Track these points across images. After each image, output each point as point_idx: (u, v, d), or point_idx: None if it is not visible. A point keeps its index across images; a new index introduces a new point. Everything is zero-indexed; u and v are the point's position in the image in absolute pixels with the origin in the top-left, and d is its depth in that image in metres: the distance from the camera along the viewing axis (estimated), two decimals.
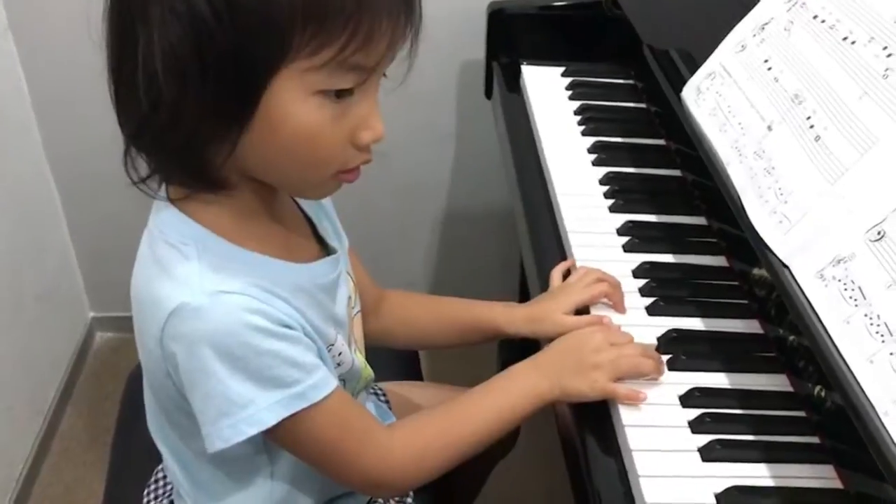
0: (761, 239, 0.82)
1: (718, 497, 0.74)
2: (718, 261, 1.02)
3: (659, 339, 0.90)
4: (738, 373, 0.86)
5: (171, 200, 0.72)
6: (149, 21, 0.62)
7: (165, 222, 0.72)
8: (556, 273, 0.99)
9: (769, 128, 0.87)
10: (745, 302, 0.95)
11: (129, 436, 1.11)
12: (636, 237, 1.04)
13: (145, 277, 0.72)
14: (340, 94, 0.66)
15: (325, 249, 0.84)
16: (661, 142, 1.24)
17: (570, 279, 0.97)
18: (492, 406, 0.84)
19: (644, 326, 0.91)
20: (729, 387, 0.85)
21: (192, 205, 0.72)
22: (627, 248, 1.03)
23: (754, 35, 0.97)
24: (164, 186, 0.74)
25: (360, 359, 0.88)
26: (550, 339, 0.91)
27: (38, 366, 1.73)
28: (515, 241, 1.20)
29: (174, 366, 0.71)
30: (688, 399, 0.83)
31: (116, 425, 1.16)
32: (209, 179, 0.70)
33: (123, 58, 0.65)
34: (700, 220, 1.08)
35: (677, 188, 1.15)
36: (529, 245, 1.09)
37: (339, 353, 0.81)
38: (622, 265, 0.99)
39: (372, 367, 0.92)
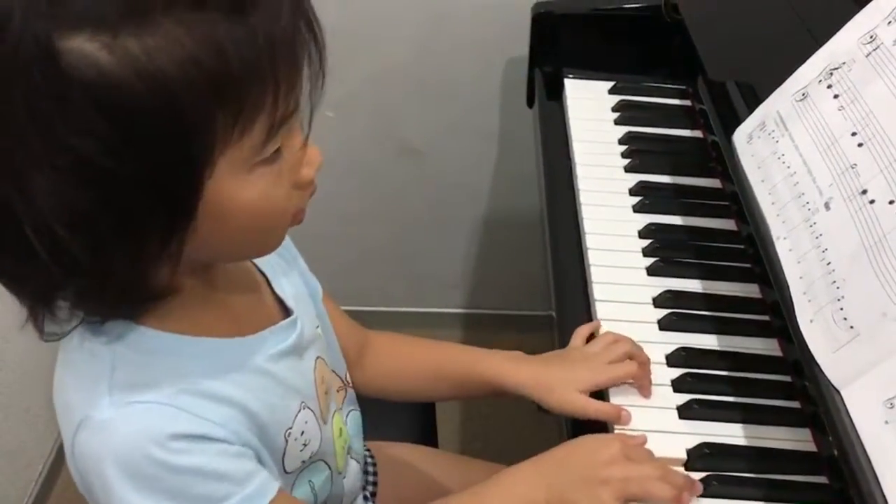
0: (806, 345, 0.69)
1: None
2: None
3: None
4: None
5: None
6: (25, 186, 0.51)
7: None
8: (579, 334, 0.88)
9: (826, 205, 0.73)
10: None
11: None
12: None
13: (57, 381, 0.64)
14: (274, 152, 0.58)
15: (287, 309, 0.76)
16: (717, 183, 1.06)
17: (594, 346, 0.84)
18: None
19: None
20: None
21: None
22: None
23: (820, 81, 0.81)
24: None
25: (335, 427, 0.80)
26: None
27: None
28: None
29: (86, 487, 0.62)
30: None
31: None
32: (156, 293, 0.61)
33: None
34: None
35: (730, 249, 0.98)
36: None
37: (302, 433, 0.71)
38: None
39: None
